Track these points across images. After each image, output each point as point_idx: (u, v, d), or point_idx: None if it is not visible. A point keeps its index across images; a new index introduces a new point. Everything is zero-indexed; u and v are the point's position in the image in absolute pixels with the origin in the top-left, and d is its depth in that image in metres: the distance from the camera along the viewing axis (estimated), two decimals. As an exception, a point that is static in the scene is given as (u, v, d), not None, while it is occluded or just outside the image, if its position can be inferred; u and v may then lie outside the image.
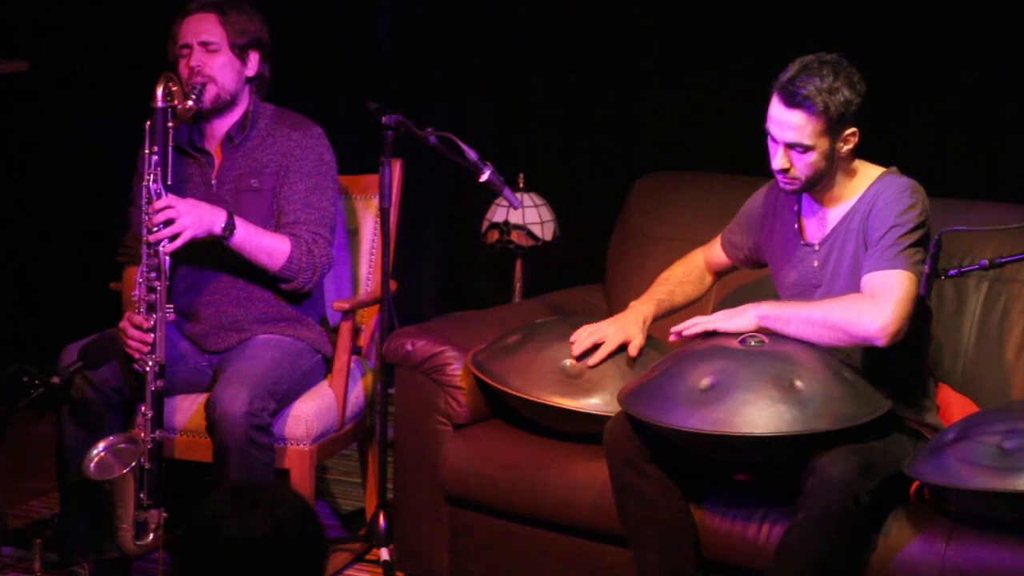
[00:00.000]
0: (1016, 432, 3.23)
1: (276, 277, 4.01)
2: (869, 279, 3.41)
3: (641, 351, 3.71)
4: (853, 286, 3.48)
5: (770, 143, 3.49)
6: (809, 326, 3.43)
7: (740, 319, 3.52)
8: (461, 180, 4.15)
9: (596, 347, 3.71)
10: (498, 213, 4.87)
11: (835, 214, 3.56)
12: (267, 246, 3.97)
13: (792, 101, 3.41)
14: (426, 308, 5.22)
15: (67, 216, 5.63)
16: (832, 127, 3.42)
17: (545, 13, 5.08)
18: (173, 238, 3.84)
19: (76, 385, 3.81)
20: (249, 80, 4.09)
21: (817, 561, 3.27)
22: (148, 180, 3.86)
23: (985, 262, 3.16)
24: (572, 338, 3.73)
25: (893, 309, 3.35)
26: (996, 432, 3.26)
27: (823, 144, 3.43)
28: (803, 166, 3.46)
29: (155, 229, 3.84)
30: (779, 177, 3.51)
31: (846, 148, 3.47)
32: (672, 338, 3.64)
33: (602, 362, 3.70)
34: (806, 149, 3.43)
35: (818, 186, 3.52)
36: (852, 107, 3.42)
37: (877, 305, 3.36)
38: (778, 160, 3.47)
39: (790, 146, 3.44)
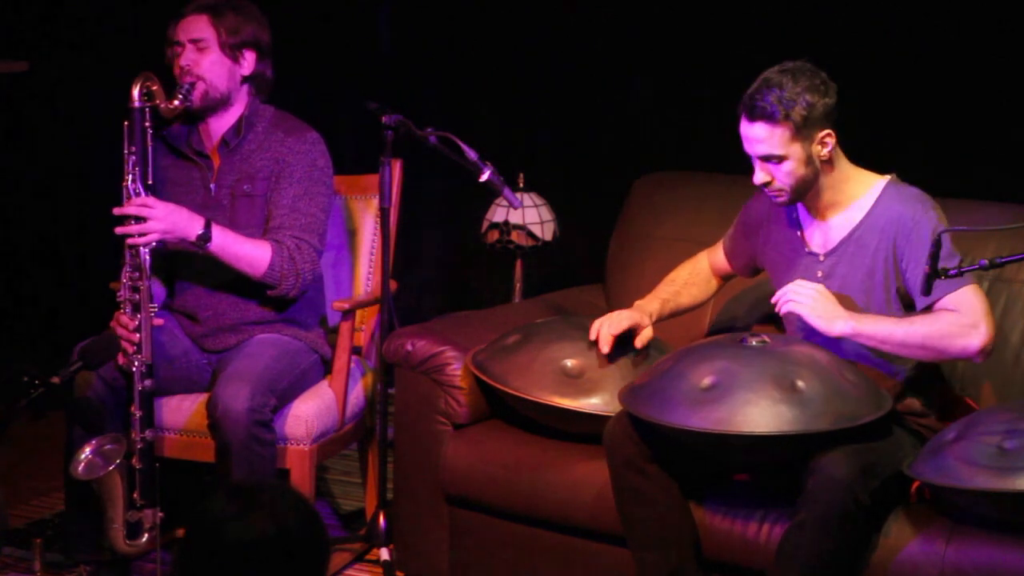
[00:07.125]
0: (1016, 432, 3.24)
1: (261, 284, 4.00)
2: (949, 302, 3.40)
3: (647, 344, 3.71)
4: (865, 302, 3.49)
5: (752, 160, 3.51)
6: (905, 348, 3.44)
7: (828, 325, 3.44)
8: (461, 180, 4.15)
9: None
10: (498, 213, 4.87)
11: (839, 223, 3.55)
12: (246, 255, 3.95)
13: (752, 115, 3.43)
14: (426, 308, 5.22)
15: (67, 216, 5.63)
16: (800, 132, 3.42)
17: (545, 13, 5.08)
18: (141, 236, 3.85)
19: (77, 385, 3.81)
20: (246, 79, 4.09)
21: (817, 561, 3.27)
22: (127, 180, 3.86)
23: (985, 262, 3.15)
24: (592, 337, 3.71)
25: (987, 328, 3.40)
26: (996, 432, 3.26)
27: (796, 151, 3.43)
28: (782, 176, 3.46)
29: (128, 224, 3.84)
30: (766, 191, 3.52)
31: (824, 151, 3.46)
32: (774, 300, 3.56)
33: (613, 348, 3.67)
34: (780, 159, 3.44)
35: (808, 193, 3.52)
36: (817, 110, 3.42)
37: (974, 327, 3.39)
38: (757, 175, 3.49)
39: (765, 159, 3.46)
